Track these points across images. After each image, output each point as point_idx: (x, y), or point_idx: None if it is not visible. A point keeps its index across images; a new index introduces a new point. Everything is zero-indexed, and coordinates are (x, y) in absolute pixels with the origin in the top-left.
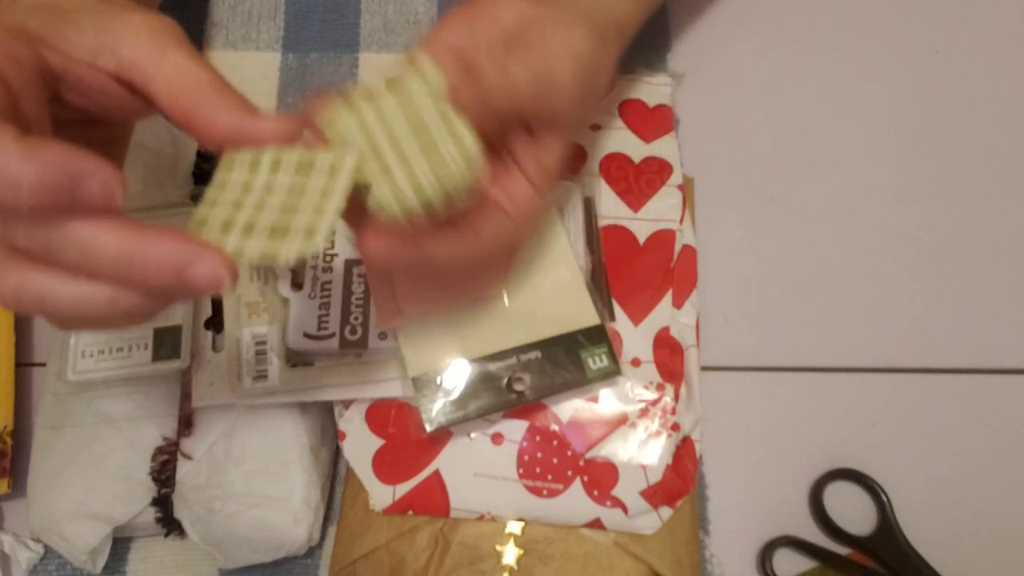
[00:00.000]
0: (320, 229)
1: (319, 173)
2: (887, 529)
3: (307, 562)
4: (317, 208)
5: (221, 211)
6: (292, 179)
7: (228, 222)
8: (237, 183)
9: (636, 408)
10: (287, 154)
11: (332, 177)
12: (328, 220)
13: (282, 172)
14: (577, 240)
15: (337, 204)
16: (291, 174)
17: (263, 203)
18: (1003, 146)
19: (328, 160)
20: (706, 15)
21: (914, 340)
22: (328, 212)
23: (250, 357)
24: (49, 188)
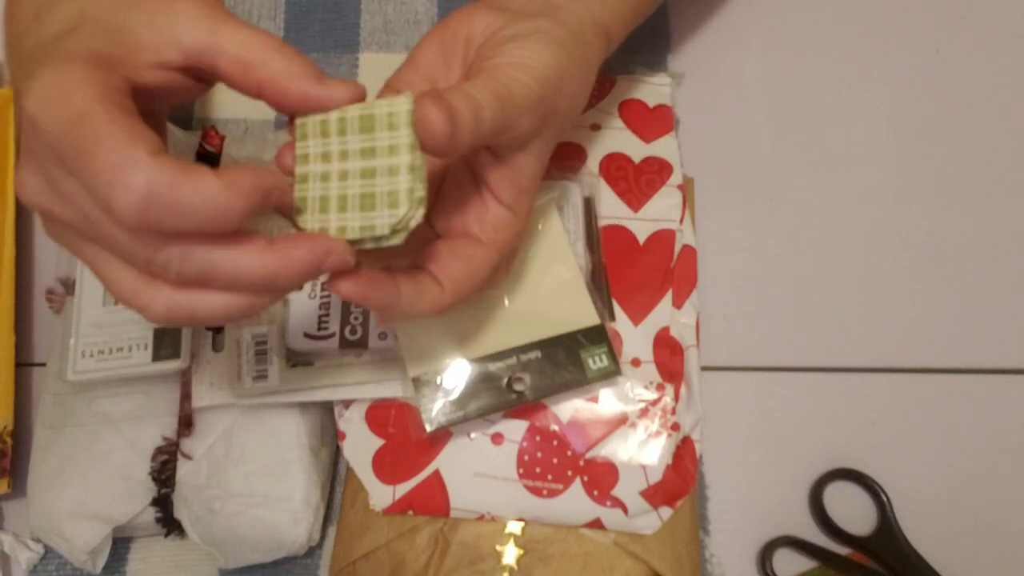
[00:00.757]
0: (401, 192)
1: (380, 127)
2: (887, 529)
3: (307, 562)
4: (391, 169)
5: (314, 188)
6: (361, 140)
7: (324, 198)
8: (317, 153)
9: (636, 408)
10: (349, 113)
11: (392, 130)
12: (404, 181)
13: (350, 134)
14: (577, 240)
15: (406, 161)
16: (358, 134)
17: (345, 171)
18: (1003, 146)
19: (385, 110)
20: (706, 15)
21: (914, 340)
22: (401, 172)
23: (250, 357)
24: (252, 212)
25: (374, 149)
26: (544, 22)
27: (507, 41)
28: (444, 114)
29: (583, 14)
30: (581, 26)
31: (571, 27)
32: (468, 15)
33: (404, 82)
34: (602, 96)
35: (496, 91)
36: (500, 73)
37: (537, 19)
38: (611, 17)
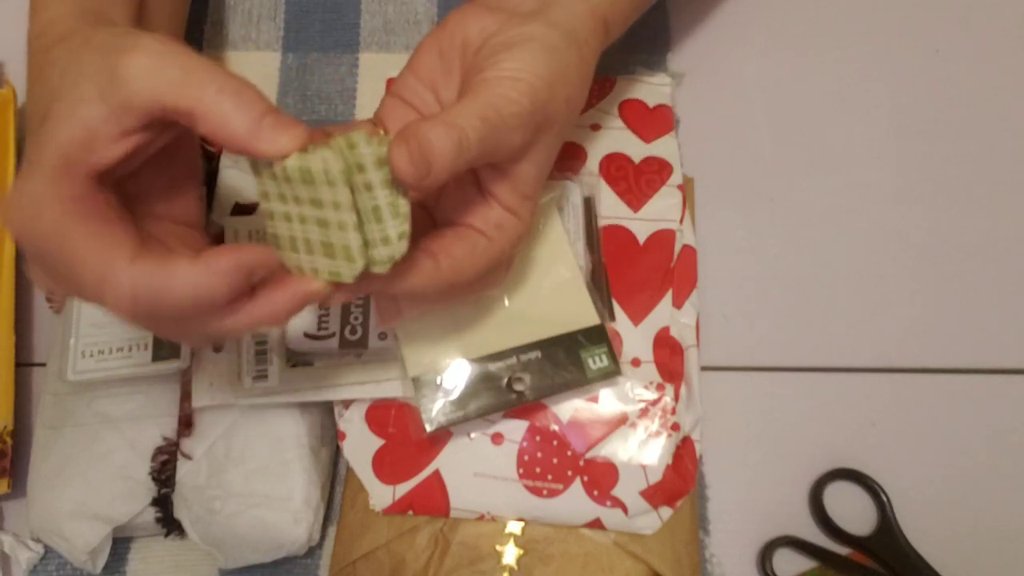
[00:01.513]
0: (352, 247)
1: (321, 184)
2: (887, 529)
3: (307, 562)
4: (339, 224)
5: (284, 226)
6: (309, 191)
7: (292, 238)
8: (275, 193)
9: (636, 408)
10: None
11: (331, 187)
12: (352, 238)
13: (302, 184)
14: (577, 240)
15: (351, 220)
16: (305, 185)
17: (305, 216)
18: (1003, 146)
19: (323, 165)
20: (706, 15)
21: (914, 340)
22: (348, 228)
23: (250, 357)
24: (237, 290)
25: (320, 201)
26: (537, 27)
27: (498, 51)
28: (408, 157)
29: (578, 8)
30: (575, 22)
31: (564, 27)
32: (463, 17)
33: (407, 88)
34: (602, 96)
35: (483, 113)
36: (488, 91)
37: (530, 22)
38: (609, 5)
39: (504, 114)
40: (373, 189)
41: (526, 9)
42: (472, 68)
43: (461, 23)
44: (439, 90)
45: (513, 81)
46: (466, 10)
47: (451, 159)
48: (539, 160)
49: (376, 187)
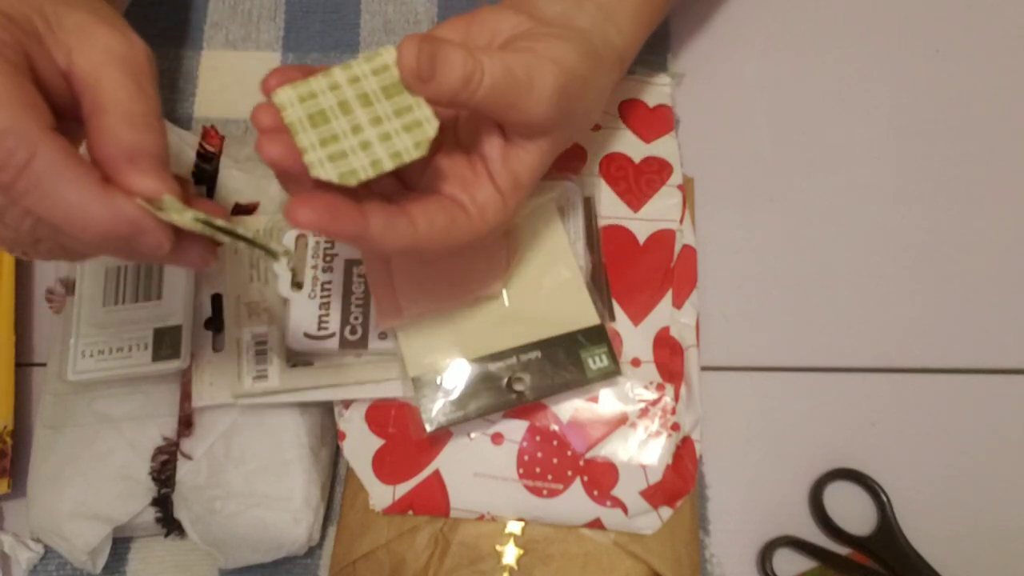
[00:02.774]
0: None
1: (366, 78)
2: (887, 529)
3: (307, 562)
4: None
5: (330, 145)
6: (355, 92)
7: (341, 150)
8: (316, 113)
9: (636, 408)
10: (338, 75)
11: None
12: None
13: (345, 89)
14: (577, 240)
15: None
16: (351, 89)
17: (357, 124)
18: (1003, 146)
19: (367, 66)
20: (706, 15)
21: (914, 340)
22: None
23: (250, 357)
24: (112, 235)
25: (368, 96)
26: (575, 35)
27: (540, 38)
28: (416, 51)
29: (604, 38)
30: (602, 47)
31: (594, 43)
32: (496, 13)
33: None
34: None
35: (511, 65)
36: (527, 55)
37: (565, 27)
38: (626, 45)
39: (534, 78)
40: (376, 94)
41: (558, 21)
42: (507, 42)
43: (493, 16)
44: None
45: (553, 58)
46: (499, 7)
47: (456, 80)
48: (544, 151)
49: (378, 92)
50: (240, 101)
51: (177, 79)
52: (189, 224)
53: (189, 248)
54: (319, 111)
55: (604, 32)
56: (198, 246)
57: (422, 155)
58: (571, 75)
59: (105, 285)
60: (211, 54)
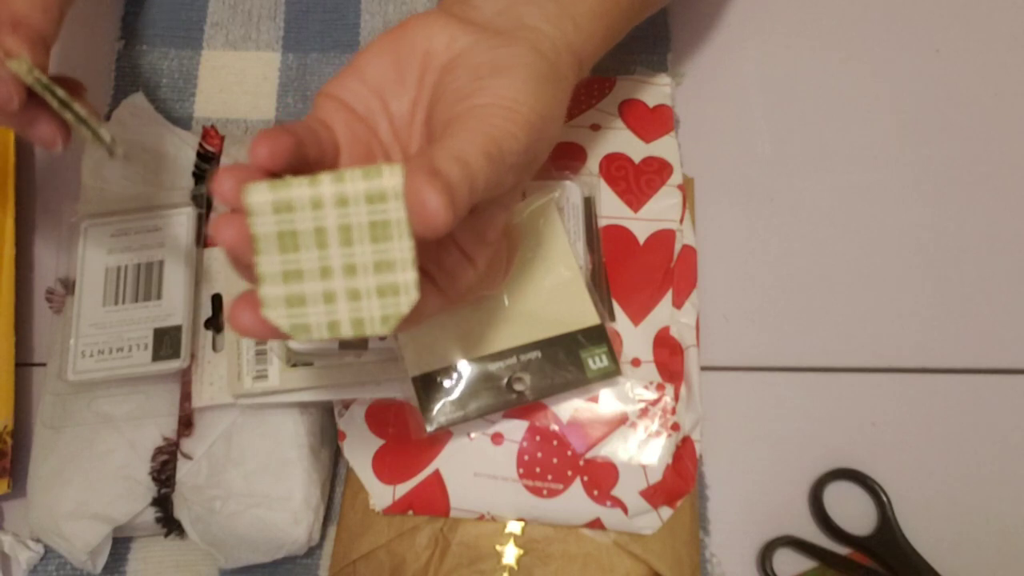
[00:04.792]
0: (401, 289)
1: (356, 203)
2: (887, 529)
3: (307, 562)
4: (381, 263)
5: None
6: (338, 220)
7: (301, 296)
8: (277, 232)
9: (636, 408)
10: (320, 188)
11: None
12: (408, 276)
13: (328, 212)
14: (577, 240)
15: (407, 256)
16: (335, 214)
17: (327, 267)
18: (1003, 146)
19: (363, 187)
20: (706, 15)
21: (914, 340)
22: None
23: (250, 357)
24: None
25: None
26: (522, 50)
27: (485, 73)
28: (444, 198)
29: (557, 40)
30: (557, 55)
31: (548, 57)
32: (427, 24)
33: (349, 91)
34: (602, 96)
35: (486, 149)
36: (485, 122)
37: (513, 44)
38: (583, 43)
39: (504, 150)
40: (361, 231)
41: (501, 26)
42: (449, 89)
43: (424, 29)
44: (388, 100)
45: (509, 112)
46: (430, 17)
47: (466, 203)
48: (507, 204)
49: (365, 228)
50: (240, 101)
51: (177, 79)
52: (29, 80)
53: (38, 118)
54: (291, 232)
55: (559, 28)
56: (48, 121)
57: (387, 333)
58: (531, 125)
59: (105, 285)
60: (211, 54)
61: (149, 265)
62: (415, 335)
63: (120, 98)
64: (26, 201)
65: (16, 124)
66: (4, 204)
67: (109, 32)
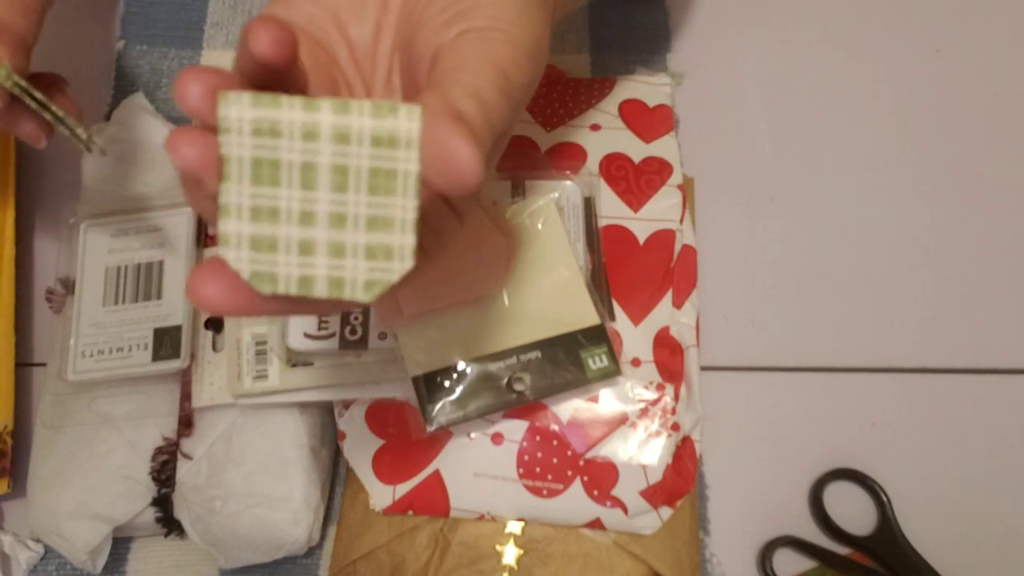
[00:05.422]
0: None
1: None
2: (887, 529)
3: (307, 562)
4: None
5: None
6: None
7: (272, 239)
8: (253, 158)
9: (636, 408)
10: (319, 115)
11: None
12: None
13: (320, 142)
14: (577, 240)
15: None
16: (331, 151)
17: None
18: (1003, 146)
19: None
20: (706, 15)
21: (914, 340)
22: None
23: (250, 357)
24: None
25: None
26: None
27: (476, 10)
28: (477, 150)
29: None
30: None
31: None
32: None
33: (301, 14)
34: (602, 96)
35: (498, 82)
36: (488, 49)
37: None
38: None
39: (513, 83)
40: (359, 176)
41: None
42: (430, 10)
43: None
44: (346, 24)
45: (509, 36)
46: None
47: (488, 149)
48: (500, 148)
49: (364, 174)
50: None
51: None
52: (8, 84)
53: (21, 117)
54: (272, 161)
55: None
56: (29, 120)
57: (368, 302)
58: (531, 53)
59: (105, 285)
60: (211, 54)
61: (149, 265)
62: (415, 335)
63: (120, 98)
64: (26, 201)
65: (1, 123)
66: (4, 204)
67: (109, 32)
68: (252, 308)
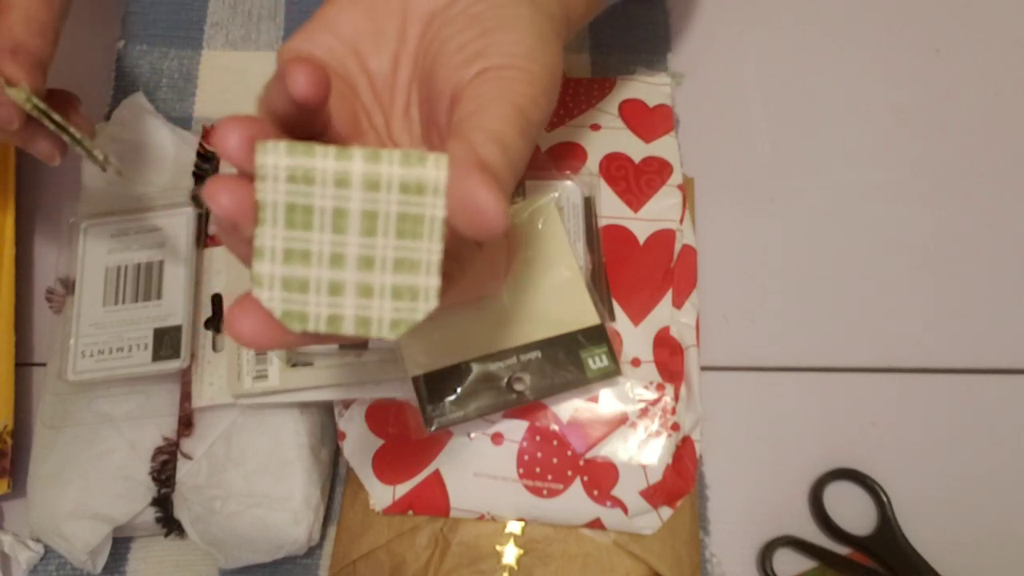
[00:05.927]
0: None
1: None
2: (887, 529)
3: (307, 562)
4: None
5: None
6: (364, 201)
7: (303, 280)
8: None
9: (636, 408)
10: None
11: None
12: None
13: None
14: (577, 240)
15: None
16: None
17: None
18: (1003, 146)
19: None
20: (706, 15)
21: (914, 340)
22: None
23: (250, 357)
24: None
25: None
26: (523, 8)
27: (491, 26)
28: (501, 200)
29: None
30: (549, 6)
31: (542, 7)
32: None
33: (320, 47)
34: (602, 96)
35: (519, 124)
36: (508, 88)
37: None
38: (574, 6)
39: (532, 122)
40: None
41: None
42: (450, 44)
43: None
44: (365, 57)
45: (527, 73)
46: None
47: (510, 192)
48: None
49: (392, 219)
50: (240, 101)
51: (177, 79)
52: (27, 107)
53: (37, 136)
54: (305, 207)
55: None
56: (45, 138)
57: (394, 339)
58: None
59: (105, 285)
60: (211, 54)
61: (149, 265)
62: (415, 335)
63: (120, 98)
64: (26, 201)
65: (17, 141)
66: (5, 204)
67: (109, 32)
68: (284, 343)
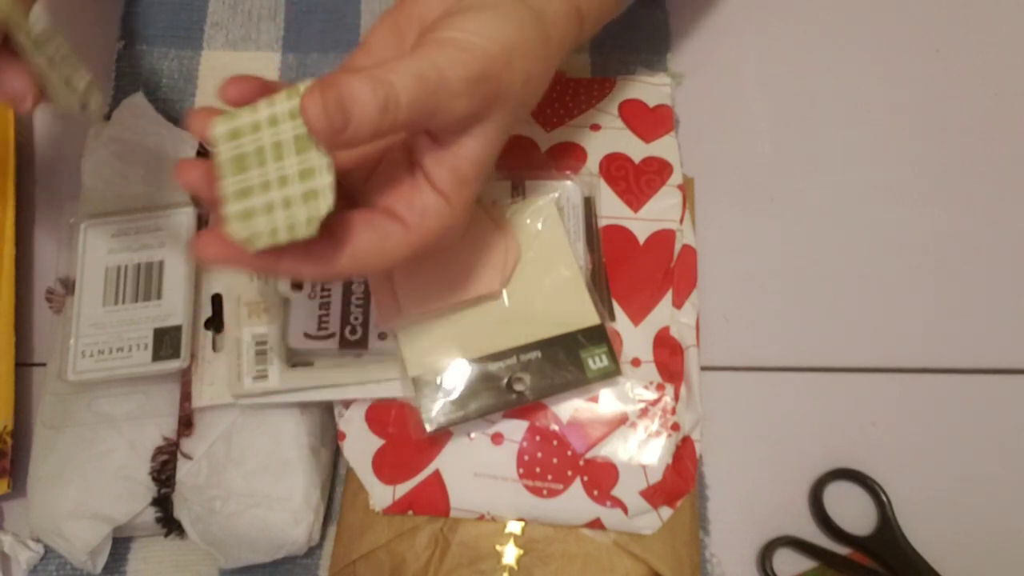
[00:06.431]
0: (274, 203)
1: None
2: (887, 529)
3: (307, 562)
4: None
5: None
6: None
7: (251, 210)
8: (239, 157)
9: (636, 408)
10: (259, 113)
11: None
12: (275, 195)
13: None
14: (577, 240)
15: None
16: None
17: (266, 180)
18: (1003, 146)
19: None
20: (706, 15)
21: (915, 340)
22: (268, 187)
23: (250, 357)
24: None
25: (281, 146)
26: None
27: (455, 13)
28: (321, 105)
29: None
30: (546, 4)
31: (533, 5)
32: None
33: (359, 66)
34: (602, 96)
35: (420, 71)
36: (434, 50)
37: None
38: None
39: (447, 76)
40: (288, 145)
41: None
42: (422, 34)
43: (424, 3)
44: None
45: (465, 43)
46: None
47: (373, 114)
48: (486, 138)
49: (291, 143)
50: None
51: (177, 79)
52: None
53: (9, 70)
54: (241, 155)
55: None
56: (17, 73)
57: (311, 235)
58: (489, 55)
59: (105, 285)
60: (211, 54)
61: (149, 265)
62: (415, 335)
63: (120, 98)
64: (26, 201)
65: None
66: (4, 204)
67: (109, 32)
68: (241, 262)
